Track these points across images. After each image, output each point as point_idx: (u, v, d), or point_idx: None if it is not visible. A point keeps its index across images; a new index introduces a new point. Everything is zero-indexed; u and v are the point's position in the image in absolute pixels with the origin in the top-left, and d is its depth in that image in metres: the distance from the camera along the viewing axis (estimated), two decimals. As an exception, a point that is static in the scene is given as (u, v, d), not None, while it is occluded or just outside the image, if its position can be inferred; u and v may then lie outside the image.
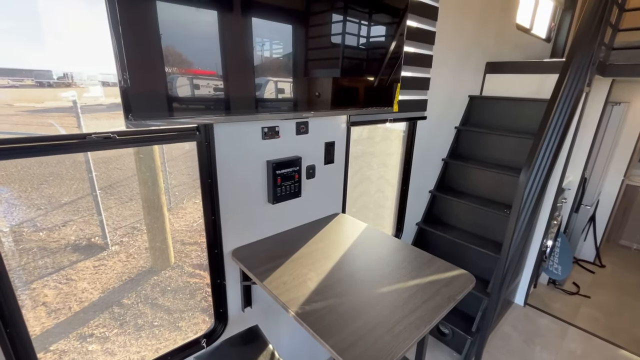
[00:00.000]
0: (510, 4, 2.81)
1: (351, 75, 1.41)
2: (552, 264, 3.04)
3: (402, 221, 2.43)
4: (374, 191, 2.37)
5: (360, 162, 2.18)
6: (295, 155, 1.49)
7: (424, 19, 1.88)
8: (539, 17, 3.46)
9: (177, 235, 3.60)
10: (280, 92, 1.17)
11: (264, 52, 1.08)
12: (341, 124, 1.68)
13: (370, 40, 1.45)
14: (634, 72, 2.22)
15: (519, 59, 3.16)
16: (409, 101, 1.98)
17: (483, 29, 2.53)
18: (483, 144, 2.54)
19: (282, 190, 1.45)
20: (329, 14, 1.25)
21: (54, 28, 1.68)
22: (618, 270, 3.62)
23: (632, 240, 4.07)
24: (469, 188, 2.54)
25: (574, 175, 2.87)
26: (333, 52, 1.31)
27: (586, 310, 2.95)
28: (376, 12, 1.44)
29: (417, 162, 2.33)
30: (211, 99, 1.00)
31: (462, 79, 2.50)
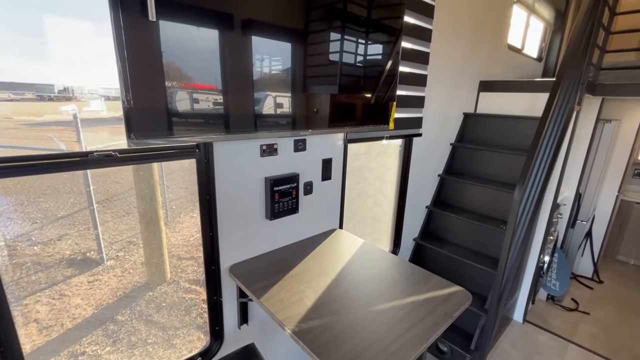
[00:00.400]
0: (501, 25, 2.91)
1: (348, 93, 1.45)
2: (550, 280, 3.03)
3: (399, 236, 2.44)
4: (372, 206, 2.38)
5: (357, 177, 2.20)
6: (293, 172, 1.52)
7: (418, 40, 1.95)
8: (529, 37, 3.58)
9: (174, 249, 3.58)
10: (279, 107, 1.20)
11: (263, 68, 1.11)
12: (338, 141, 1.72)
13: (366, 59, 1.50)
14: (622, 91, 2.28)
15: (512, 78, 3.25)
16: (404, 119, 2.03)
17: (476, 49, 2.61)
18: (478, 160, 2.58)
19: (279, 206, 1.47)
20: (327, 33, 1.28)
21: (58, 42, 1.73)
22: (617, 286, 3.61)
23: (629, 255, 4.08)
24: (465, 204, 2.56)
25: (569, 191, 2.90)
26: (331, 69, 1.35)
27: (586, 327, 2.93)
28: (372, 32, 1.49)
29: (413, 177, 2.36)
30: (210, 114, 1.02)
31: (457, 97, 2.57)
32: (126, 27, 0.82)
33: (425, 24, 1.96)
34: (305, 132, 1.34)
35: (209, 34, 0.97)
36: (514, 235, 1.83)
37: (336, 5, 1.29)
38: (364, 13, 1.42)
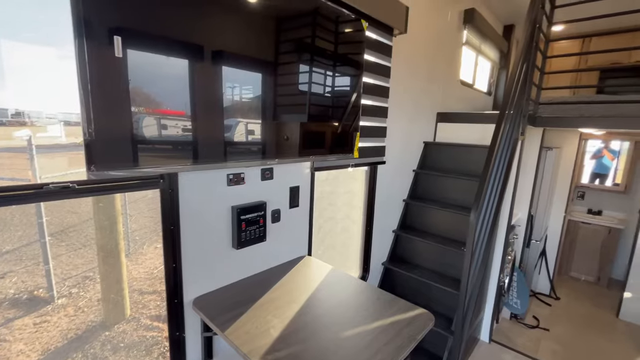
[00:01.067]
0: (453, 62, 3.22)
1: (316, 122, 1.53)
2: (512, 299, 3.18)
3: (368, 261, 2.48)
4: (340, 232, 2.42)
5: (325, 204, 2.25)
6: (261, 200, 1.54)
7: (379, 75, 2.11)
8: (479, 74, 3.96)
9: (135, 283, 3.36)
10: (248, 134, 1.24)
11: (233, 96, 1.16)
12: (305, 169, 1.77)
13: (332, 91, 1.60)
14: (558, 123, 2.58)
15: (466, 110, 3.55)
16: (369, 147, 2.14)
17: (432, 84, 2.85)
18: (439, 185, 2.75)
19: (246, 235, 1.47)
20: (296, 65, 1.37)
21: (13, 65, 1.67)
22: (571, 302, 3.84)
23: (580, 272, 4.39)
24: (430, 227, 2.68)
25: (522, 212, 3.13)
26: (299, 99, 1.43)
27: (546, 343, 3.06)
28: (337, 66, 1.59)
29: (379, 203, 2.45)
30: (177, 142, 1.03)
31: (417, 127, 2.76)
32: (91, 62, 0.84)
33: (384, 61, 2.13)
34: (272, 162, 1.38)
35: (179, 63, 1.01)
36: (472, 256, 1.93)
37: (304, 40, 1.40)
38: (330, 48, 1.54)
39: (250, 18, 1.18)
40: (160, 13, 0.95)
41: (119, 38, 0.87)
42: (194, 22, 1.02)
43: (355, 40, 1.73)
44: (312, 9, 1.42)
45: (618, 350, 3.01)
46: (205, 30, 1.05)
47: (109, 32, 0.85)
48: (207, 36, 1.05)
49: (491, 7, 3.66)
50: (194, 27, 1.02)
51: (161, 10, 0.95)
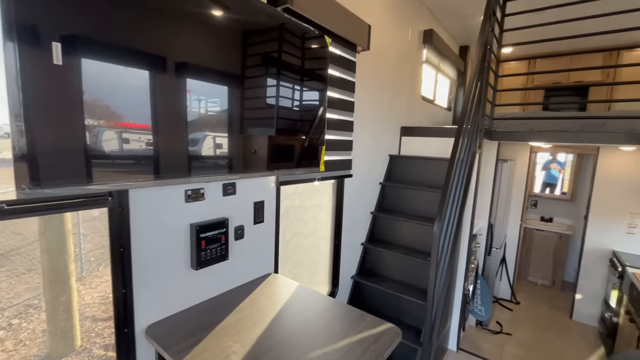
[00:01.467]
0: (415, 79, 3.37)
1: (283, 134, 1.52)
2: (476, 306, 3.27)
3: (337, 276, 2.45)
4: (308, 246, 2.38)
5: (292, 218, 2.21)
6: (222, 217, 1.47)
7: (344, 90, 2.14)
8: (439, 90, 4.18)
9: (88, 309, 3.06)
10: (216, 147, 1.21)
11: (200, 109, 1.12)
12: (270, 183, 1.73)
13: (299, 104, 1.59)
14: (511, 137, 2.76)
15: (428, 124, 3.71)
16: (335, 161, 2.15)
17: (395, 99, 2.95)
18: (404, 197, 2.81)
19: (207, 254, 1.39)
20: (263, 78, 1.36)
21: None
22: (530, 306, 4.03)
23: (537, 276, 4.65)
24: (397, 239, 2.72)
25: (483, 222, 3.28)
26: (267, 112, 1.42)
27: (510, 348, 3.17)
28: (303, 80, 1.60)
29: (347, 216, 2.45)
30: (127, 156, 0.96)
31: (382, 141, 2.82)
32: (24, 69, 0.76)
33: (349, 77, 2.18)
34: (234, 176, 1.33)
35: (139, 74, 0.96)
36: (437, 266, 1.97)
37: (270, 55, 1.40)
38: (295, 62, 1.54)
39: (216, 31, 1.16)
40: (113, 22, 0.89)
41: (58, 45, 0.80)
42: (154, 33, 0.98)
43: (320, 55, 1.75)
44: (277, 25, 1.43)
45: (573, 350, 3.18)
46: (167, 41, 1.01)
47: (46, 38, 0.78)
48: (170, 48, 1.02)
49: (448, 29, 3.91)
50: (155, 38, 0.98)
51: (115, 19, 0.89)
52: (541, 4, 2.53)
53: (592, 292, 3.59)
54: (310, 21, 1.70)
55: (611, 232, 3.45)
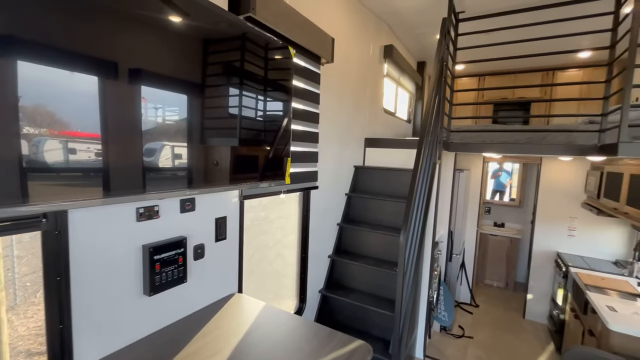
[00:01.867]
0: (377, 92, 3.47)
1: (247, 145, 1.46)
2: (440, 312, 3.37)
3: (304, 290, 2.38)
4: (274, 262, 2.29)
5: (256, 232, 2.12)
6: (180, 236, 1.35)
7: (309, 102, 2.13)
8: (400, 103, 4.35)
9: (22, 343, 2.66)
10: (175, 158, 1.13)
11: (157, 118, 1.04)
12: (233, 197, 1.64)
13: (263, 115, 1.54)
14: (466, 148, 2.91)
15: (390, 136, 3.82)
16: (301, 173, 2.11)
17: (359, 111, 3.00)
18: (370, 208, 2.83)
19: (162, 277, 1.26)
20: (225, 88, 1.30)
21: None
22: (488, 308, 4.24)
23: (492, 279, 4.92)
24: (364, 250, 2.72)
25: (443, 229, 3.41)
26: (229, 122, 1.35)
27: (472, 350, 3.28)
28: (267, 91, 1.56)
29: (314, 229, 2.40)
30: (67, 170, 0.85)
31: (347, 152, 2.84)
32: None
33: (313, 88, 2.17)
34: (193, 191, 1.23)
35: (84, 79, 0.87)
36: (404, 276, 1.99)
37: (233, 64, 1.34)
38: (259, 72, 1.50)
39: (173, 37, 1.09)
40: (52, 24, 0.79)
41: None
42: (103, 37, 0.89)
43: (284, 66, 1.72)
44: (240, 34, 1.38)
45: (527, 348, 3.37)
46: (118, 46, 0.93)
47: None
48: (122, 53, 0.94)
49: (406, 45, 4.10)
50: (104, 42, 0.90)
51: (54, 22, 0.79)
52: (490, 26, 2.74)
53: (541, 291, 3.87)
54: (274, 32, 1.67)
55: (555, 235, 3.76)
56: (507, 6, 2.71)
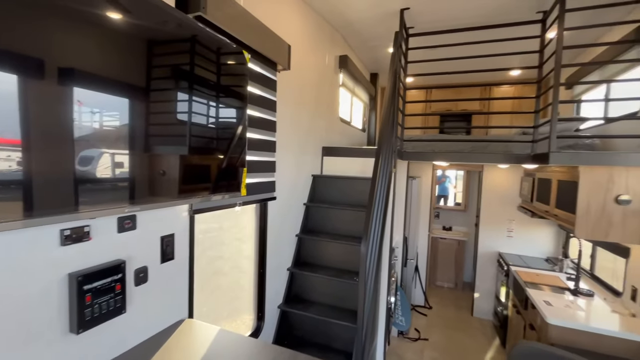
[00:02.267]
0: (333, 101, 3.49)
1: (198, 154, 1.34)
2: (398, 317, 3.43)
3: (262, 307, 2.25)
4: (230, 279, 2.13)
5: (209, 249, 1.95)
6: (117, 260, 1.17)
7: (265, 109, 2.04)
8: (355, 113, 4.43)
9: None
10: (116, 167, 1.00)
11: (93, 123, 0.92)
12: (182, 212, 1.49)
13: (216, 122, 1.43)
14: (416, 156, 3.04)
15: (346, 144, 3.86)
16: (258, 183, 2.00)
17: (316, 119, 2.98)
18: (329, 217, 2.80)
19: (94, 310, 1.07)
20: (173, 92, 1.19)
21: None
22: (441, 309, 4.43)
23: (443, 280, 5.18)
24: (323, 260, 2.67)
25: (399, 235, 3.50)
26: (178, 129, 1.24)
27: (428, 352, 3.38)
28: (220, 97, 1.45)
29: (272, 241, 2.30)
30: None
31: (304, 161, 2.79)
32: None
33: (270, 95, 2.09)
34: (133, 208, 1.08)
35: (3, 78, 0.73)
36: (365, 287, 1.97)
37: (182, 67, 1.23)
38: (212, 77, 1.39)
39: (113, 36, 0.97)
40: None
41: None
42: (26, 32, 0.77)
43: (238, 71, 1.63)
44: (190, 35, 1.26)
45: (476, 345, 3.57)
46: (45, 43, 0.80)
47: None
48: (50, 50, 0.81)
49: (359, 56, 4.21)
50: (27, 38, 0.77)
51: None
52: (435, 42, 2.91)
53: (486, 290, 4.15)
54: (228, 35, 1.57)
55: (496, 236, 4.07)
56: (451, 25, 2.90)
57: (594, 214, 2.23)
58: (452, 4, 2.65)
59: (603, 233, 2.22)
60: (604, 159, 2.17)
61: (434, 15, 2.86)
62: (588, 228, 2.25)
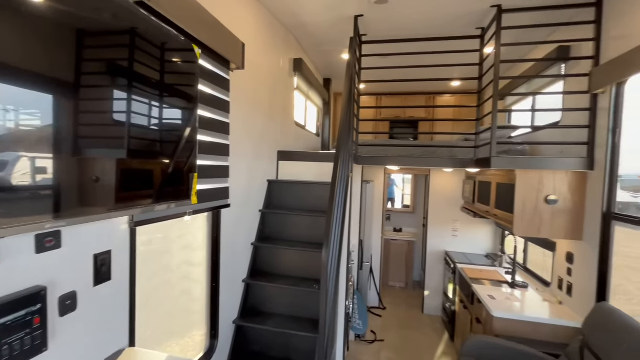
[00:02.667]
0: (288, 104, 3.42)
1: (140, 158, 1.18)
2: (355, 320, 3.44)
3: (216, 325, 2.07)
4: (179, 296, 1.93)
5: (154, 263, 1.74)
6: (35, 287, 0.96)
7: (217, 110, 1.90)
8: (309, 117, 4.41)
9: None
10: (39, 172, 0.84)
11: (7, 122, 0.77)
12: (121, 225, 1.29)
13: (160, 124, 1.27)
14: (369, 161, 3.10)
15: (302, 149, 3.81)
16: (210, 190, 1.84)
17: (271, 122, 2.88)
18: (285, 224, 2.71)
19: (1, 354, 0.86)
20: (109, 90, 1.03)
21: None
22: (394, 309, 4.57)
23: (395, 280, 5.37)
24: (281, 269, 2.56)
25: (355, 239, 3.53)
26: (114, 130, 1.07)
27: (385, 353, 3.44)
28: (166, 95, 1.30)
29: (226, 251, 2.14)
30: None
31: (260, 166, 2.67)
32: None
33: (223, 95, 1.95)
34: (58, 223, 0.89)
35: None
36: (327, 294, 1.92)
37: (121, 61, 1.06)
38: (156, 73, 1.23)
39: (33, 22, 0.80)
40: None
41: None
42: None
43: (188, 67, 1.49)
44: (131, 25, 1.10)
45: (428, 341, 3.73)
46: None
47: None
48: None
49: (313, 60, 4.21)
50: None
51: None
52: (387, 50, 3.01)
53: (435, 287, 4.38)
54: (177, 27, 1.42)
55: (443, 236, 4.33)
56: (400, 35, 3.03)
57: (529, 213, 2.46)
58: (402, 15, 2.76)
59: (536, 230, 2.46)
60: (535, 164, 2.41)
61: (385, 24, 2.95)
62: (524, 226, 2.47)
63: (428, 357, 3.41)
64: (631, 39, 1.93)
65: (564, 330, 2.28)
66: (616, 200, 2.11)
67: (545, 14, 2.46)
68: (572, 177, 2.36)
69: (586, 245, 2.30)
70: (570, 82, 2.63)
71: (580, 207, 2.35)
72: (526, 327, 2.36)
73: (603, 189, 2.13)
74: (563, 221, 2.40)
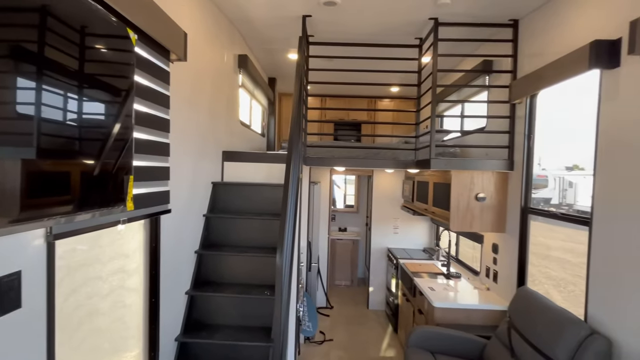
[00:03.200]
0: (233, 103, 3.24)
1: (54, 159, 0.99)
2: (305, 323, 3.41)
3: (155, 344, 1.85)
4: (111, 317, 1.67)
5: (79, 282, 1.47)
6: None
7: (155, 105, 1.69)
8: (254, 116, 4.26)
9: None
10: None
11: None
12: (34, 240, 1.06)
13: (82, 120, 1.07)
14: (321, 162, 3.12)
15: (247, 149, 3.65)
16: (147, 194, 1.63)
17: (215, 120, 2.70)
18: (232, 229, 2.56)
19: None
20: (10, 75, 0.84)
21: None
22: (341, 307, 4.66)
23: (340, 279, 5.49)
24: (229, 277, 2.41)
25: (304, 241, 3.49)
26: (19, 125, 0.88)
27: (334, 352, 3.48)
28: (88, 87, 1.11)
29: (166, 262, 1.92)
30: None
31: (203, 167, 2.48)
32: None
33: (162, 88, 1.75)
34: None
35: None
36: (282, 298, 1.84)
37: (26, 44, 0.86)
38: (75, 59, 1.04)
39: None
40: None
41: None
42: None
43: (120, 56, 1.30)
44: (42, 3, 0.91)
45: (374, 335, 3.88)
46: None
47: None
48: None
49: (258, 58, 4.07)
50: None
51: None
52: (332, 53, 3.06)
53: (379, 283, 4.58)
54: (107, 6, 1.22)
55: (385, 233, 4.55)
56: (346, 38, 3.09)
57: (462, 210, 2.70)
58: (348, 20, 2.82)
59: (468, 225, 2.72)
60: (468, 165, 2.66)
61: (332, 27, 2.98)
62: (458, 221, 2.71)
63: (374, 350, 3.54)
64: (542, 57, 2.24)
65: (493, 313, 2.55)
66: (531, 196, 2.44)
67: (474, 30, 2.73)
68: (497, 176, 2.66)
69: (508, 237, 2.61)
70: (493, 92, 2.97)
71: (503, 203, 2.66)
72: (462, 313, 2.58)
73: (521, 186, 2.44)
74: (490, 216, 2.69)
